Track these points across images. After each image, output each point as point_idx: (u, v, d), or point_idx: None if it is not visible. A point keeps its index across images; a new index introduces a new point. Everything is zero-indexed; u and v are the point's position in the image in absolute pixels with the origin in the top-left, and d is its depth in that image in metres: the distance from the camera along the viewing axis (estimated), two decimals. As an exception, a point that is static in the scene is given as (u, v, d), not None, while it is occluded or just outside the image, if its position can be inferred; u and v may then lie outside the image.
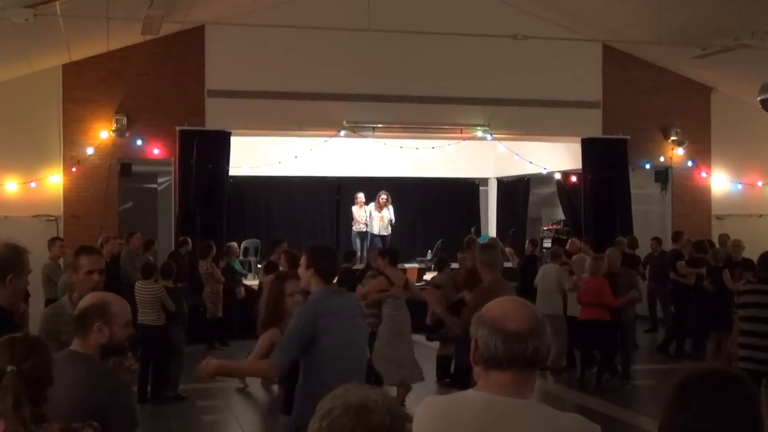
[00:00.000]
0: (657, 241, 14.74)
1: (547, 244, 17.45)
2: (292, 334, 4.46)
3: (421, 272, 16.34)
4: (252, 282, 14.57)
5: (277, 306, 4.97)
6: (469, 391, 2.42)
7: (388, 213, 18.00)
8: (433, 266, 17.18)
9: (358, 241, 17.93)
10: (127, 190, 15.48)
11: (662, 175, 16.95)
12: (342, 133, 15.25)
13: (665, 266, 13.16)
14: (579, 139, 16.16)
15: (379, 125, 15.34)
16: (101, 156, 14.28)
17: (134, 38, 13.66)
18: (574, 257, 11.84)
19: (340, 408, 1.89)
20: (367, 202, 18.19)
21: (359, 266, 13.00)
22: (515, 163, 17.97)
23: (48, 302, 10.85)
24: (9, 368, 2.56)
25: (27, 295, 9.22)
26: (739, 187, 17.01)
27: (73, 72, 14.12)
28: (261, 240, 17.68)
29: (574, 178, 17.58)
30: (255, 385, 10.18)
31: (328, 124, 15.06)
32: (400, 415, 1.93)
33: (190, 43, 14.46)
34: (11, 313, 3.98)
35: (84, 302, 3.54)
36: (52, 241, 11.78)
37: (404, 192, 19.62)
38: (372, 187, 18.32)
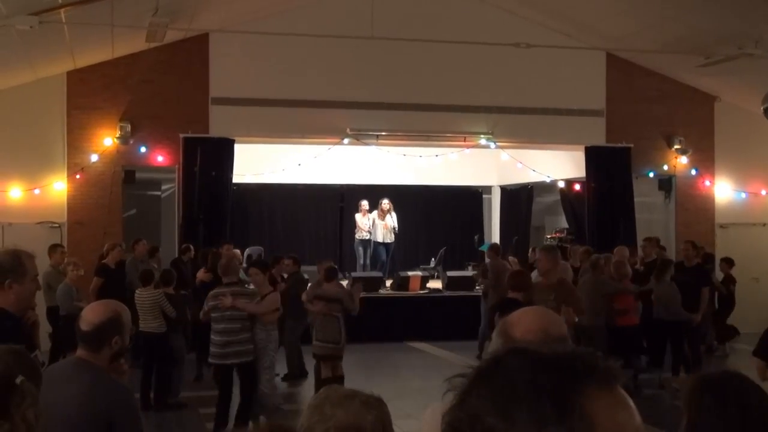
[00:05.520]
0: (660, 249, 14.66)
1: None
2: None
3: (424, 280, 16.34)
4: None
5: None
6: None
7: (392, 220, 17.97)
8: (435, 274, 17.24)
9: (360, 249, 17.92)
10: (130, 197, 15.47)
11: (666, 183, 16.90)
12: (345, 140, 15.25)
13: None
14: (582, 148, 16.14)
15: (383, 133, 15.33)
16: (105, 163, 14.30)
17: (138, 46, 13.68)
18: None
19: (334, 430, 1.86)
20: (370, 210, 18.17)
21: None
22: (519, 171, 17.97)
23: (49, 310, 10.82)
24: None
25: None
26: (743, 195, 16.96)
27: (77, 79, 14.15)
28: (264, 247, 17.64)
29: (577, 187, 17.55)
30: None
31: (332, 132, 15.06)
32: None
33: (194, 51, 14.49)
34: (20, 319, 3.96)
35: (98, 316, 3.45)
36: (53, 248, 11.63)
37: (407, 200, 19.61)
38: (375, 194, 18.30)
